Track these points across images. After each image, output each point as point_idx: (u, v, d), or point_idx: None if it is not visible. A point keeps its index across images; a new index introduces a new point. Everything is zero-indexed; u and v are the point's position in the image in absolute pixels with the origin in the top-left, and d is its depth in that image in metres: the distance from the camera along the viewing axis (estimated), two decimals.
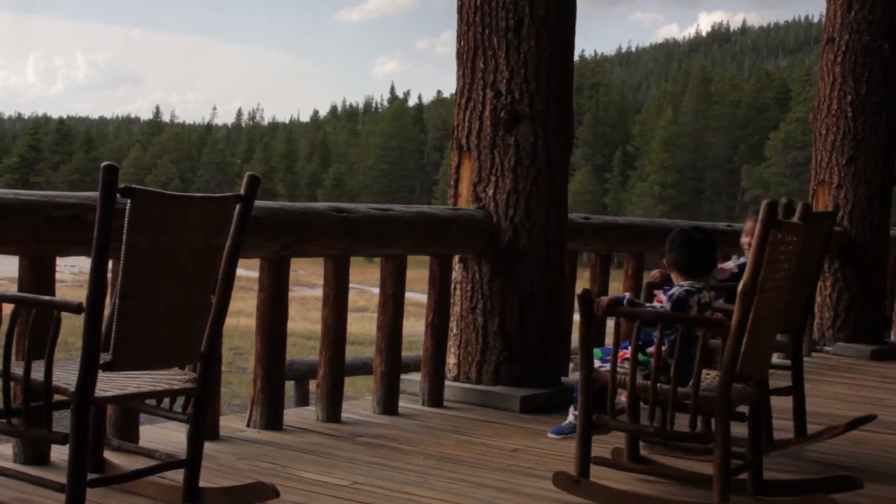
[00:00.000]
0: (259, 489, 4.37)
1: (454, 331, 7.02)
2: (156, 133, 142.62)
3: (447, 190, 7.37)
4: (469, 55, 7.06)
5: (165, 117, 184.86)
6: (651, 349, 4.58)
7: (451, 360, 7.03)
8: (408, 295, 6.72)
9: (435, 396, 6.77)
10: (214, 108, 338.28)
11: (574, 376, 8.20)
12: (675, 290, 4.79)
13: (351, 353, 18.58)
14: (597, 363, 4.74)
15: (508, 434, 6.07)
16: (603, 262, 8.14)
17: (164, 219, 3.93)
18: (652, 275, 5.84)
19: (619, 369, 4.57)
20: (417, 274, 7.25)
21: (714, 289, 5.14)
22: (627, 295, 4.79)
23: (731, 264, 6.54)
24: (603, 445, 5.21)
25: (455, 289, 7.02)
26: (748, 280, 4.40)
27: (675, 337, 4.49)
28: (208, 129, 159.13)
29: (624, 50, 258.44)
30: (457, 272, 7.02)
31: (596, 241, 7.95)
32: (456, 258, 7.00)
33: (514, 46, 6.92)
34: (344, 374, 6.34)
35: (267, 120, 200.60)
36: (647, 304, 4.99)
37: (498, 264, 6.92)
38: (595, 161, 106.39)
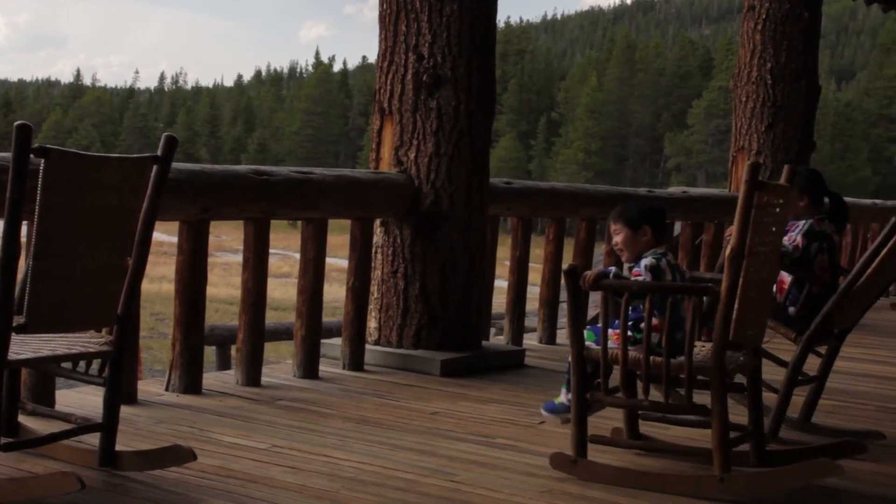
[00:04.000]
0: (176, 452, 4.34)
1: (375, 295, 7.01)
2: (77, 96, 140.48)
3: (370, 154, 7.35)
4: (392, 18, 7.02)
5: (87, 80, 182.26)
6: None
7: (372, 324, 7.03)
8: (331, 261, 6.70)
9: (356, 360, 6.77)
10: (137, 72, 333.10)
11: (495, 340, 8.25)
12: (646, 261, 4.73)
13: (275, 318, 18.59)
14: (592, 345, 4.62)
15: (429, 397, 6.09)
16: (525, 227, 8.16)
17: (79, 180, 3.87)
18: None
19: (610, 345, 4.50)
20: (341, 240, 7.23)
21: None
22: (613, 268, 4.74)
23: (793, 234, 5.97)
24: (603, 429, 5.18)
25: (376, 253, 7.02)
26: (735, 244, 4.34)
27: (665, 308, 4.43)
28: (131, 92, 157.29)
29: (549, 17, 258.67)
30: (378, 236, 7.01)
31: (518, 205, 7.97)
32: (377, 222, 6.99)
33: (436, 10, 6.90)
34: (264, 338, 6.31)
35: (190, 84, 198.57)
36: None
37: (419, 228, 6.92)
38: (520, 128, 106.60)
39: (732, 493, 4.35)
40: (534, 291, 8.32)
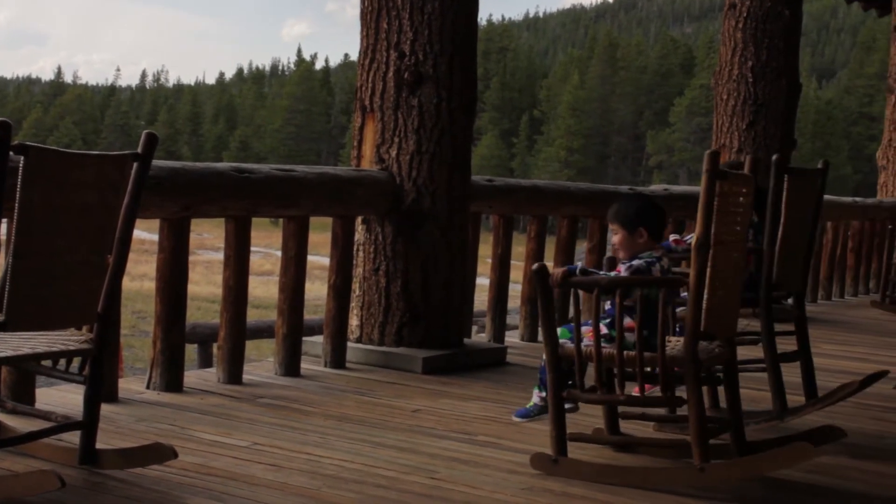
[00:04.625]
0: (157, 450, 4.33)
1: (357, 292, 7.01)
2: (58, 94, 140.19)
3: (351, 152, 7.35)
4: (373, 15, 7.02)
5: (68, 78, 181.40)
6: (626, 322, 4.50)
7: (354, 321, 7.03)
8: (313, 259, 6.70)
9: (337, 358, 6.76)
10: (118, 70, 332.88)
11: (477, 338, 8.26)
12: (635, 262, 4.69)
13: (257, 316, 18.54)
14: (567, 343, 4.59)
15: (410, 395, 6.09)
16: (506, 225, 8.16)
17: (58, 177, 3.87)
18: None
19: (585, 343, 4.48)
20: (323, 238, 7.23)
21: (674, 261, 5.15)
22: (579, 264, 4.72)
23: (690, 237, 6.34)
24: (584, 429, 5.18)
25: (358, 250, 7.01)
26: (700, 234, 4.34)
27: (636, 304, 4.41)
28: (112, 90, 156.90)
29: (531, 15, 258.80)
30: (360, 234, 7.01)
31: (499, 203, 7.97)
32: (359, 220, 6.98)
33: (417, 7, 6.89)
34: (245, 336, 6.30)
35: (172, 82, 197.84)
36: (602, 272, 4.81)
37: (401, 226, 6.91)
38: (502, 126, 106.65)
39: (713, 481, 4.36)
40: (515, 289, 8.33)
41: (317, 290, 16.24)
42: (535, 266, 4.60)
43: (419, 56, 6.90)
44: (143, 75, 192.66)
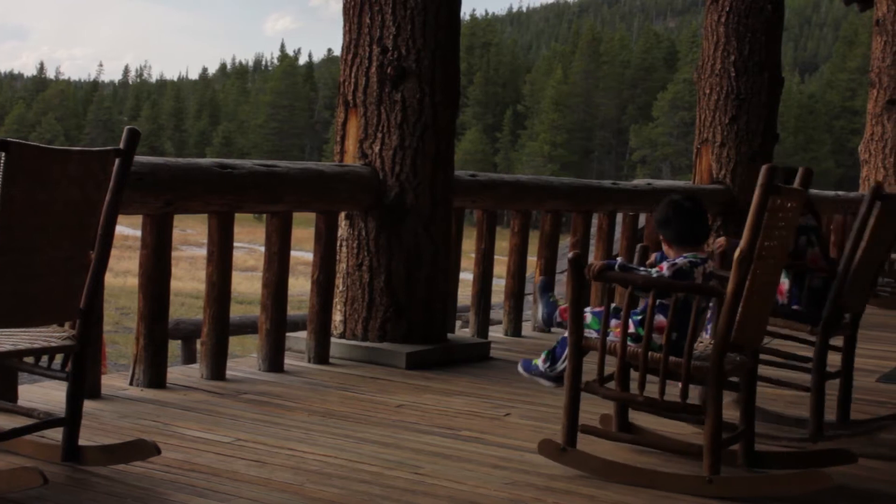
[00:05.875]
0: (140, 447, 4.32)
1: (340, 288, 7.00)
2: (40, 89, 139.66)
3: (334, 147, 7.34)
4: (356, 10, 7.01)
5: (50, 73, 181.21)
6: (657, 321, 4.46)
7: (338, 317, 7.02)
8: (296, 254, 6.68)
9: (321, 353, 6.76)
10: (101, 65, 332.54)
11: (460, 333, 8.26)
12: (678, 260, 4.61)
13: (240, 312, 18.51)
14: (593, 334, 4.57)
15: (394, 390, 6.09)
16: (490, 220, 8.17)
17: (40, 173, 3.85)
18: (717, 243, 5.80)
19: (610, 338, 4.46)
20: (306, 233, 7.21)
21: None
22: (619, 259, 4.62)
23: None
24: (592, 413, 5.18)
25: (341, 246, 7.00)
26: (745, 247, 4.26)
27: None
28: (95, 86, 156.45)
29: (515, 10, 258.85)
30: (343, 229, 7.00)
31: (483, 198, 7.97)
32: (342, 215, 6.97)
33: (400, 2, 6.89)
34: (228, 332, 6.29)
35: (155, 77, 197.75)
36: (642, 269, 4.72)
37: (384, 221, 6.91)
38: (486, 121, 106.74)
39: (719, 494, 4.32)
40: (499, 284, 8.33)
41: (300, 286, 16.27)
42: (570, 255, 4.55)
43: (402, 51, 6.90)
44: (126, 70, 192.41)
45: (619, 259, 4.66)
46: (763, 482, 4.55)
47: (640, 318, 4.56)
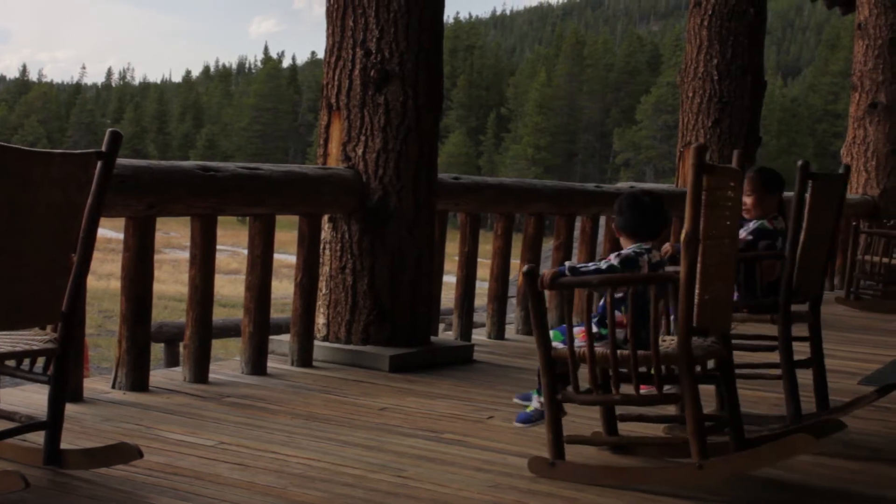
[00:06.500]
0: (122, 450, 4.31)
1: (323, 291, 7.00)
2: (23, 92, 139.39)
3: (318, 150, 7.33)
4: (339, 13, 7.01)
5: (33, 76, 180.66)
6: (617, 317, 4.46)
7: (321, 320, 7.02)
8: (280, 257, 6.68)
9: (304, 356, 6.75)
10: (84, 67, 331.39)
11: (444, 336, 8.26)
12: (623, 252, 4.70)
13: (224, 315, 18.46)
14: (559, 345, 4.59)
15: (377, 393, 6.09)
16: (473, 223, 8.16)
17: (22, 175, 3.84)
18: (664, 250, 5.83)
19: (578, 344, 4.45)
20: (290, 236, 7.21)
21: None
22: (567, 264, 4.62)
23: (742, 233, 5.95)
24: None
25: (324, 249, 7.00)
26: (689, 229, 4.30)
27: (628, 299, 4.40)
28: (77, 88, 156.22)
29: (498, 13, 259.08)
30: (326, 232, 6.99)
31: (466, 201, 7.97)
32: (325, 218, 6.97)
33: (383, 5, 6.89)
34: (211, 335, 6.28)
35: (138, 80, 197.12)
36: (591, 264, 4.76)
37: (367, 224, 6.91)
38: (469, 123, 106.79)
39: (712, 478, 4.33)
40: (482, 287, 8.33)
41: (284, 289, 16.23)
42: (524, 268, 4.56)
43: (385, 54, 6.89)
44: (109, 73, 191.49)
45: (567, 264, 4.67)
46: (752, 457, 4.54)
47: (597, 318, 4.59)
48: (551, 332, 4.67)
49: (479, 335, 8.27)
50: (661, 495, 4.34)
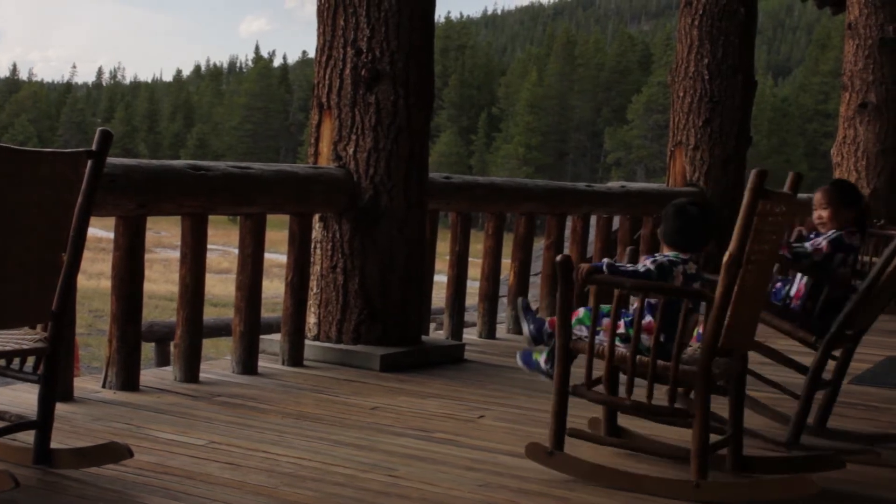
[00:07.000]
0: (112, 449, 4.30)
1: (314, 290, 6.99)
2: (13, 91, 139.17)
3: (308, 149, 7.33)
4: (330, 12, 7.00)
5: (23, 75, 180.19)
6: (646, 321, 4.44)
7: (312, 319, 7.01)
8: (270, 256, 6.67)
9: (295, 356, 6.74)
10: (74, 67, 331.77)
11: (435, 335, 8.26)
12: (659, 257, 4.62)
13: (214, 314, 18.42)
14: (583, 329, 4.56)
15: (368, 392, 6.08)
16: (464, 222, 8.17)
17: (12, 174, 3.83)
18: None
19: (597, 339, 4.44)
20: (280, 235, 7.20)
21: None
22: (606, 260, 4.55)
23: (821, 240, 5.81)
24: (581, 416, 5.14)
25: (315, 248, 6.99)
26: (734, 251, 4.21)
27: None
28: (68, 87, 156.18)
29: (490, 12, 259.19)
30: (317, 231, 6.99)
31: (457, 200, 7.97)
32: (316, 217, 6.96)
33: (374, 4, 6.88)
34: (202, 334, 6.27)
35: (129, 79, 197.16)
36: (629, 265, 4.70)
37: (358, 223, 6.90)
38: (461, 123, 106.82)
39: (706, 499, 4.30)
40: (473, 286, 8.33)
41: (274, 288, 16.23)
42: (559, 257, 4.51)
43: (376, 53, 6.89)
44: (100, 72, 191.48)
45: (605, 260, 4.59)
46: (749, 487, 4.54)
47: (629, 319, 4.54)
48: (581, 311, 4.64)
49: (470, 334, 8.27)
50: (653, 496, 4.34)
